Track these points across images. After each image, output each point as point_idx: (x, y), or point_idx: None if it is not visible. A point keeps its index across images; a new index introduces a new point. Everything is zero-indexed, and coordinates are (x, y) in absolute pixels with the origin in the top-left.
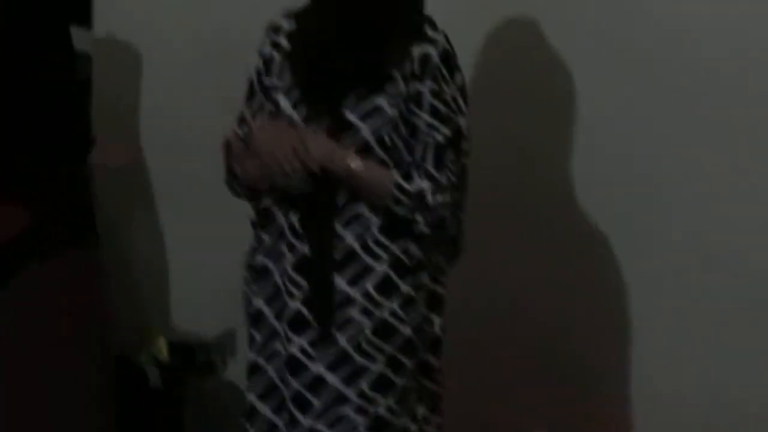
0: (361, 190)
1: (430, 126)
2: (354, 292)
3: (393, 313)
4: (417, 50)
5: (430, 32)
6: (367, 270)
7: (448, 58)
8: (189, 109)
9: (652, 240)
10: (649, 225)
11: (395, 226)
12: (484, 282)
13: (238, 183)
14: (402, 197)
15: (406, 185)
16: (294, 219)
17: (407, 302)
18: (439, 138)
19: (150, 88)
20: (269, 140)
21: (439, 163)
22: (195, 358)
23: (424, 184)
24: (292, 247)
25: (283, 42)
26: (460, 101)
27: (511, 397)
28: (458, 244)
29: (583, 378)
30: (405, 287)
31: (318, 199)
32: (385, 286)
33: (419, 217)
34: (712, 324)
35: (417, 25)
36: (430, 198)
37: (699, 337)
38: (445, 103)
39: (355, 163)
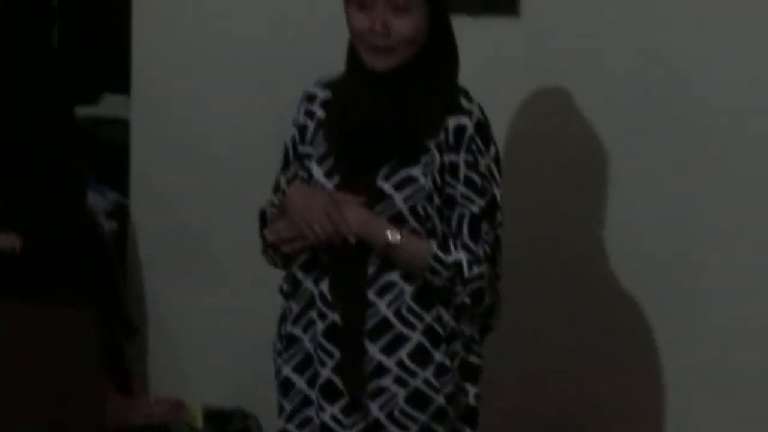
0: (397, 260)
1: (465, 197)
2: (387, 361)
3: (427, 382)
4: (452, 121)
5: (465, 103)
6: (400, 339)
7: (483, 129)
8: (226, 176)
9: (691, 315)
10: (688, 299)
11: (428, 295)
12: (517, 352)
13: (273, 251)
14: (439, 268)
15: (443, 256)
16: (324, 287)
17: (441, 371)
18: (475, 209)
19: (188, 154)
20: (302, 202)
21: (475, 235)
22: (230, 426)
23: (462, 256)
24: (322, 315)
25: (318, 111)
26: (495, 172)
27: None
28: (494, 314)
29: None
30: (439, 356)
31: (348, 267)
32: (419, 355)
33: (458, 289)
34: (754, 405)
35: (452, 96)
36: (467, 270)
37: (740, 418)
38: (480, 174)
39: (393, 236)
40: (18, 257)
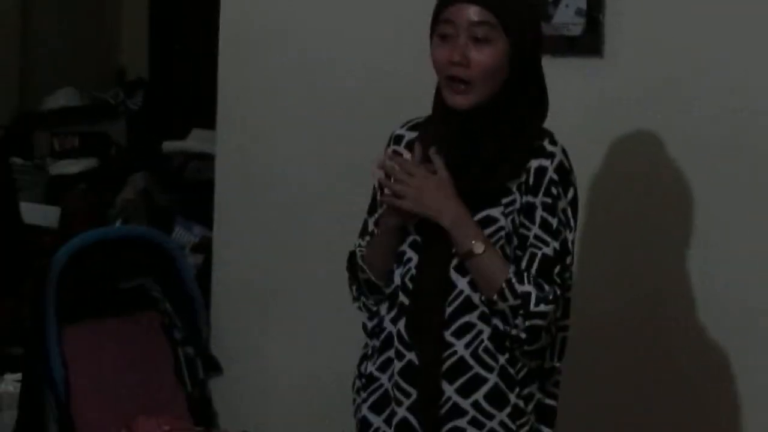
0: (472, 270)
1: (539, 239)
2: (463, 403)
3: (503, 424)
4: (534, 163)
5: (548, 146)
6: (477, 380)
7: (563, 172)
8: (306, 214)
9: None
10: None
11: (504, 336)
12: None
13: (362, 286)
14: (508, 294)
15: (516, 283)
16: (401, 326)
17: (516, 413)
18: (548, 251)
19: (271, 190)
20: (414, 175)
21: (547, 276)
22: None
23: (533, 290)
24: (400, 355)
25: (404, 152)
26: (570, 217)
27: None
28: (541, 357)
29: None
30: (514, 398)
31: (426, 307)
32: (495, 397)
33: (518, 321)
34: None
35: (535, 139)
36: (533, 304)
37: None
38: (557, 217)
39: (478, 247)
40: None
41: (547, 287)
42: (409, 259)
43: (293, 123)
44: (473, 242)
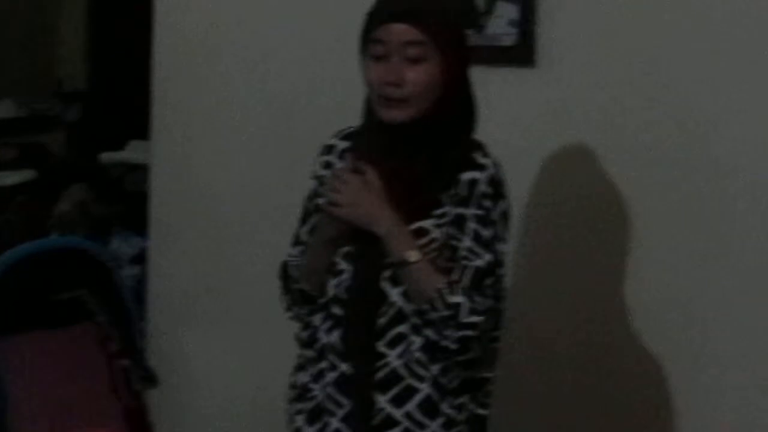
0: (404, 278)
1: (471, 250)
2: (396, 413)
3: None
4: (466, 175)
5: (480, 158)
6: (409, 390)
7: (496, 184)
8: (243, 224)
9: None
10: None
11: (436, 346)
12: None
13: (295, 298)
14: (439, 305)
15: (447, 294)
16: (335, 338)
17: (449, 423)
18: (480, 263)
19: (206, 199)
20: (349, 183)
21: (479, 287)
22: None
23: (464, 301)
24: (333, 366)
25: (336, 161)
26: (502, 229)
27: None
28: (473, 368)
29: None
30: (446, 408)
31: (359, 318)
32: (427, 407)
33: (448, 332)
34: None
35: (467, 151)
36: (464, 315)
37: None
38: (489, 229)
39: (410, 256)
40: None
41: (478, 299)
42: (342, 270)
43: (228, 132)
44: (407, 251)
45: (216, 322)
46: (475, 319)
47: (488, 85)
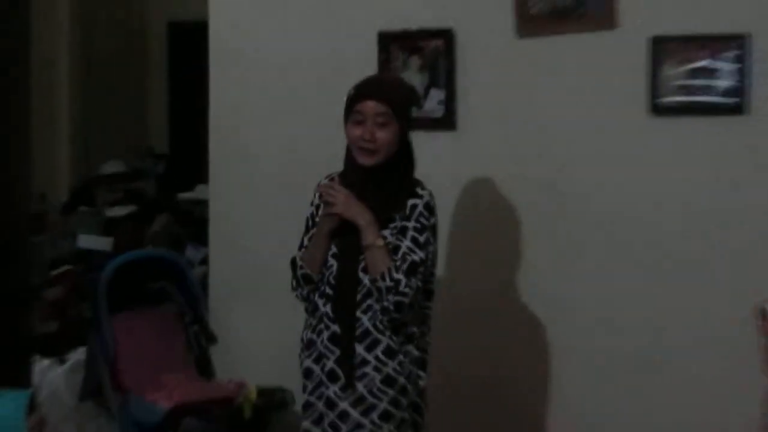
0: (368, 257)
1: (410, 249)
2: (368, 356)
3: (394, 369)
4: (410, 202)
5: (419, 191)
6: (376, 341)
7: (428, 208)
8: (272, 241)
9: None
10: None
11: (382, 308)
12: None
13: (300, 281)
14: (387, 277)
15: (393, 272)
16: (328, 308)
17: (402, 364)
18: (415, 258)
19: (247, 221)
20: (343, 195)
21: (413, 272)
22: (275, 398)
23: (402, 278)
24: (327, 327)
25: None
26: (431, 236)
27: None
28: (409, 329)
29: None
30: (400, 353)
31: (344, 295)
32: (388, 352)
33: (390, 297)
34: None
35: (411, 186)
36: (401, 287)
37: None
38: (423, 236)
39: (377, 241)
40: None
41: (412, 280)
42: (331, 265)
43: (261, 177)
44: (377, 239)
45: (254, 302)
46: (407, 290)
47: (426, 141)
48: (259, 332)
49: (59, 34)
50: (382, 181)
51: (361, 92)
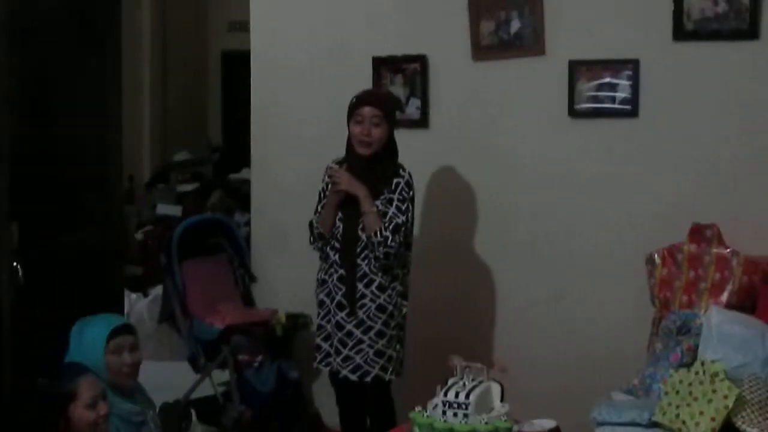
0: (365, 220)
1: (395, 214)
2: (366, 291)
3: (385, 300)
4: (395, 180)
5: (401, 171)
6: (372, 280)
7: (408, 184)
8: (301, 205)
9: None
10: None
11: (374, 257)
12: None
13: (315, 237)
14: (379, 235)
15: (384, 230)
16: (336, 257)
17: (390, 296)
18: (398, 220)
19: (280, 195)
20: (343, 175)
21: (397, 232)
22: (298, 321)
23: (389, 235)
24: (336, 270)
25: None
26: (410, 206)
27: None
28: (394, 271)
29: None
30: (389, 288)
31: (347, 247)
32: (380, 287)
33: (380, 249)
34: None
35: (395, 168)
36: (389, 241)
37: None
38: (404, 204)
39: (371, 208)
40: None
41: (396, 236)
42: (339, 227)
43: (294, 158)
44: (371, 207)
45: (282, 253)
46: (393, 244)
47: (407, 137)
48: (286, 274)
49: (143, 60)
50: (374, 165)
51: (360, 100)
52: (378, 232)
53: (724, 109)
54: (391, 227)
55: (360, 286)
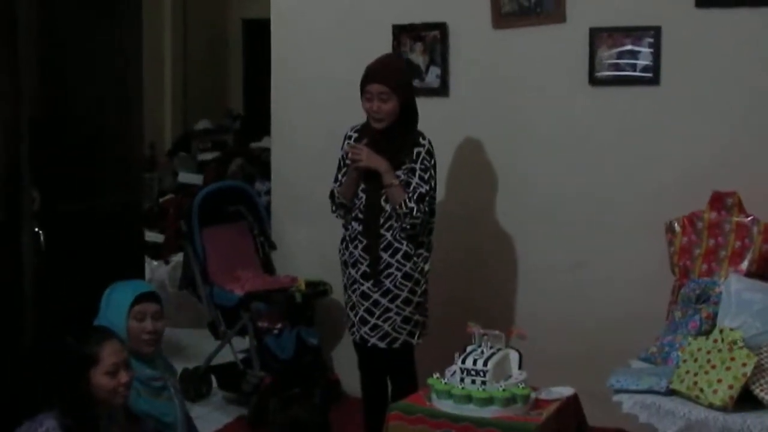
0: (389, 192)
1: (418, 184)
2: (391, 260)
3: (411, 268)
4: (415, 149)
5: (421, 140)
6: (397, 249)
7: (429, 153)
8: (319, 175)
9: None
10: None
11: (401, 227)
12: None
13: (337, 207)
14: (404, 206)
15: (408, 202)
16: (360, 227)
17: (415, 263)
18: (422, 190)
19: (299, 164)
20: (366, 151)
21: (421, 201)
22: (318, 288)
23: (414, 206)
24: (360, 240)
25: (352, 141)
26: (433, 174)
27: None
28: (419, 239)
29: None
30: (414, 256)
31: (371, 217)
32: (405, 255)
33: (407, 220)
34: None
35: (415, 137)
36: (415, 212)
37: None
38: (427, 173)
39: (394, 181)
40: None
41: (421, 206)
42: (361, 197)
43: (310, 129)
44: (393, 180)
45: (301, 221)
46: (419, 215)
47: (428, 105)
48: (306, 241)
49: (164, 29)
50: (392, 137)
51: (368, 76)
52: (403, 204)
53: (746, 77)
54: (415, 197)
55: (385, 255)
